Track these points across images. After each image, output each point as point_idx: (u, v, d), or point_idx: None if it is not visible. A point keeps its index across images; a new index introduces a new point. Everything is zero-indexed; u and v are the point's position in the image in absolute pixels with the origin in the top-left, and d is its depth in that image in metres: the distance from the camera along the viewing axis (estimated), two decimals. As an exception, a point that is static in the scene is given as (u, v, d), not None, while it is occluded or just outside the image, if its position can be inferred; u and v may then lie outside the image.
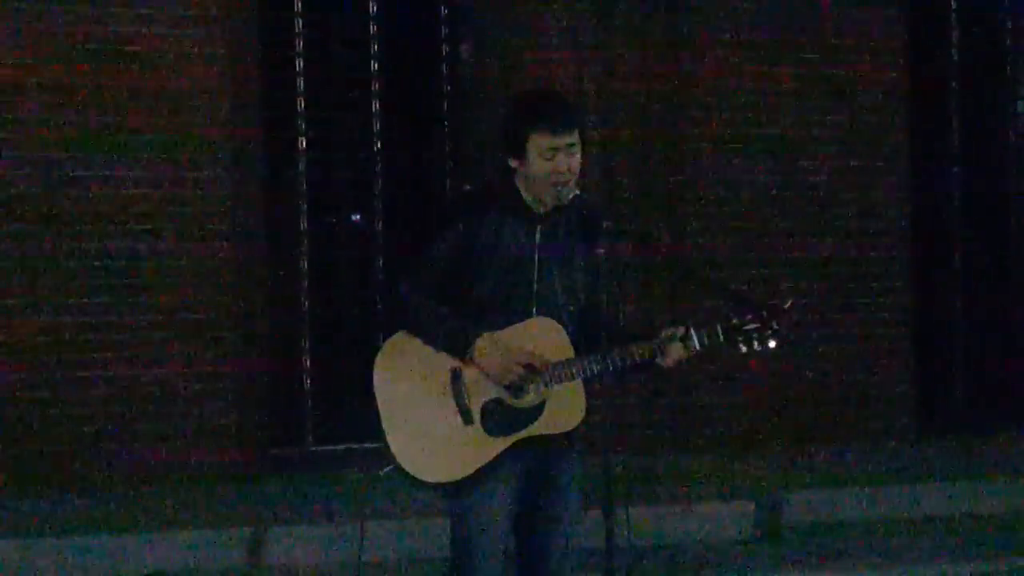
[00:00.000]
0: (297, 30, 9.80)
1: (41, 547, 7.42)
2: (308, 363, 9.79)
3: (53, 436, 8.75)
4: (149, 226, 8.93)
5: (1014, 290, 11.23)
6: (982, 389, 11.05)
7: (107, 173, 8.87)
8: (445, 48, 10.14)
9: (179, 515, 8.07)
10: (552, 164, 4.64)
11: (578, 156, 4.69)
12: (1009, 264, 11.25)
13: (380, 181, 9.98)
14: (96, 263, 8.85)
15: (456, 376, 4.63)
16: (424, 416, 4.63)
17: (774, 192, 10.10)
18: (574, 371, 4.63)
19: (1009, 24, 11.27)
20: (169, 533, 7.63)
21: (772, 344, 4.65)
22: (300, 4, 9.82)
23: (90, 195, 8.84)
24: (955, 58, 11.08)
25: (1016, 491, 8.76)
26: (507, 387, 4.63)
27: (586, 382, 4.68)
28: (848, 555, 7.77)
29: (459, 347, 4.61)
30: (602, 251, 4.67)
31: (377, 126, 9.96)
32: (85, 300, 8.82)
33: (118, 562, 7.40)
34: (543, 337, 4.66)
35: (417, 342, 4.65)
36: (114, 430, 8.84)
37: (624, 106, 9.87)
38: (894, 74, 10.40)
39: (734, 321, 4.67)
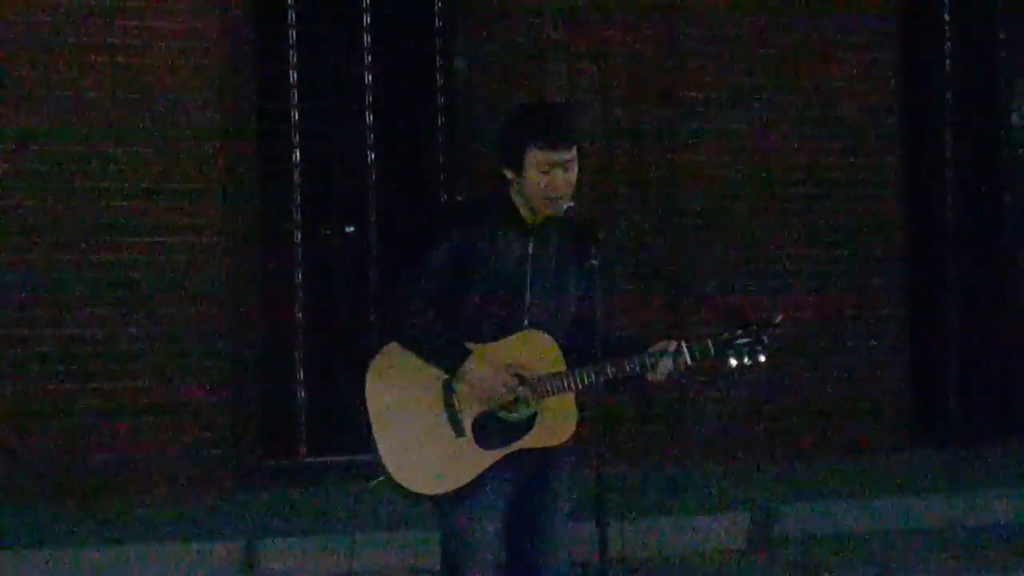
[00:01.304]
0: (291, 41, 9.81)
1: (33, 559, 7.40)
2: (301, 374, 9.78)
3: (45, 447, 8.73)
4: (141, 237, 8.92)
5: (1008, 301, 11.23)
6: (977, 400, 11.05)
7: (99, 184, 8.86)
8: (439, 59, 10.14)
9: (172, 526, 8.06)
10: (548, 179, 4.64)
11: (575, 171, 4.69)
12: (1003, 275, 11.25)
13: (374, 192, 9.98)
14: (88, 274, 8.84)
15: (448, 388, 4.64)
16: (416, 427, 4.63)
17: (769, 202, 10.10)
18: (565, 384, 4.63)
19: (1002, 35, 11.28)
20: (162, 544, 7.62)
21: (762, 359, 4.66)
22: (294, 15, 9.82)
23: (83, 206, 8.83)
24: (948, 69, 11.09)
25: (1011, 502, 8.75)
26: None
27: (577, 395, 4.68)
28: (842, 567, 7.76)
29: (449, 364, 4.61)
30: (595, 263, 4.68)
31: (371, 137, 9.96)
32: (77, 311, 8.81)
33: (110, 574, 7.38)
34: (535, 349, 4.66)
35: (410, 353, 4.65)
36: (106, 441, 8.82)
37: (619, 115, 9.87)
38: (888, 84, 10.41)
39: (725, 335, 4.67)
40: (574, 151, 4.68)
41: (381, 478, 4.63)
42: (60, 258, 8.81)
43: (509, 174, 4.71)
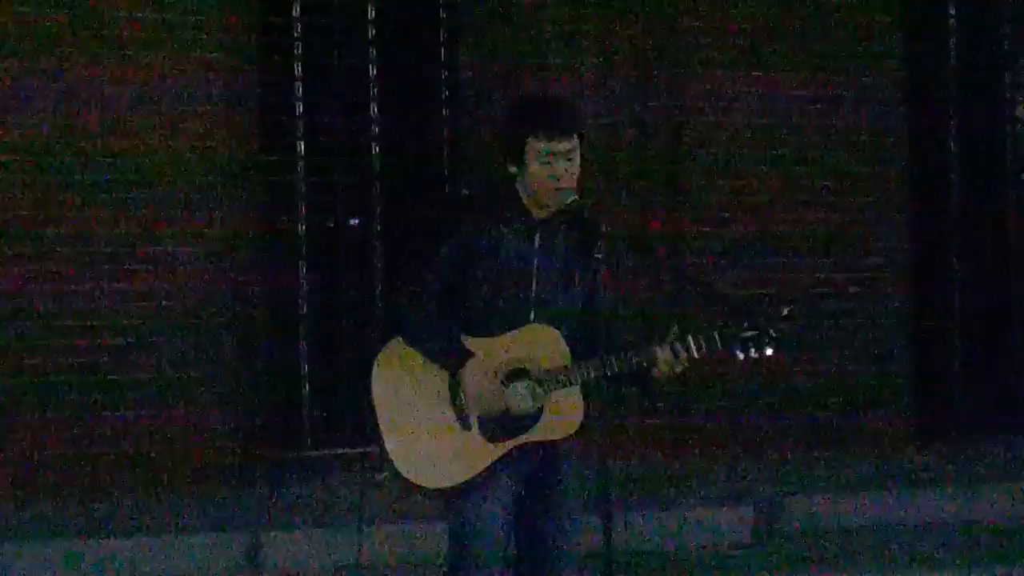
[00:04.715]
0: (296, 34, 9.80)
1: (37, 551, 7.41)
2: (305, 367, 9.78)
3: (47, 440, 8.73)
4: (144, 230, 8.91)
5: (1012, 295, 11.21)
6: (980, 394, 11.03)
7: (103, 177, 8.85)
8: (444, 52, 10.13)
9: (176, 519, 8.06)
10: (551, 169, 4.64)
11: (577, 161, 4.68)
12: (1007, 269, 11.24)
13: (378, 185, 9.97)
14: (92, 265, 8.83)
15: (454, 382, 4.63)
16: (422, 421, 4.62)
17: (771, 197, 10.10)
18: (571, 377, 4.62)
19: (1007, 28, 11.27)
20: (166, 537, 7.63)
21: (770, 351, 4.65)
22: (299, 8, 9.82)
23: (86, 198, 8.82)
24: (953, 62, 11.07)
25: (1014, 497, 8.75)
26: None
27: (584, 388, 4.68)
28: (846, 560, 7.76)
29: (450, 368, 4.61)
30: (600, 257, 4.67)
31: (375, 130, 9.95)
32: (80, 303, 8.80)
33: (114, 567, 7.39)
34: (541, 343, 4.65)
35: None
36: (109, 435, 8.81)
37: (623, 111, 9.86)
38: (892, 78, 10.40)
39: (732, 328, 4.67)
40: (575, 140, 4.67)
41: (388, 472, 4.62)
42: (62, 248, 8.80)
43: (512, 169, 4.70)
